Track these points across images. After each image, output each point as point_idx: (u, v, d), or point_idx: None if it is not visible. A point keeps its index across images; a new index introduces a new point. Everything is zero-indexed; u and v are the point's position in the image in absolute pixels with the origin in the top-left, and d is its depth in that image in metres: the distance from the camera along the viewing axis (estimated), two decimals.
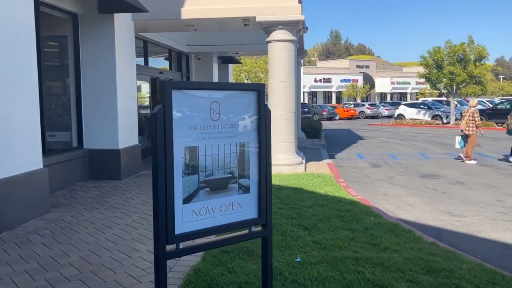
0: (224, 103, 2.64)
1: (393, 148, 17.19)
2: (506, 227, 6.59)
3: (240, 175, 2.77)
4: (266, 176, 2.81)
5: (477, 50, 27.47)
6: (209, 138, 2.60)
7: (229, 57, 19.48)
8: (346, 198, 7.66)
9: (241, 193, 2.79)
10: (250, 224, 2.84)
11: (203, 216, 2.61)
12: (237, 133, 2.73)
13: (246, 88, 2.77)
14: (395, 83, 74.44)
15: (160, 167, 2.35)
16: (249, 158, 2.79)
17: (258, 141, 2.79)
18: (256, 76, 41.73)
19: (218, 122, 2.63)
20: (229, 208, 2.72)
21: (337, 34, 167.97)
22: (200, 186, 2.60)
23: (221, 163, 2.66)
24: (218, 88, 2.68)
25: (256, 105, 2.77)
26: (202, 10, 10.08)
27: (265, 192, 2.82)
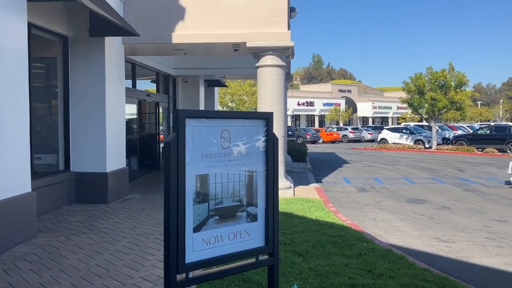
0: (234, 131, 2.66)
1: (378, 172, 17.35)
2: (495, 252, 6.67)
3: (248, 203, 2.77)
4: (274, 204, 2.81)
5: (457, 76, 28.21)
6: (219, 166, 2.60)
7: (215, 80, 19.60)
8: (337, 224, 7.67)
9: (249, 221, 2.78)
10: (257, 253, 2.83)
11: (213, 245, 2.59)
12: (246, 161, 2.74)
13: (255, 117, 2.80)
14: (377, 108, 75.66)
15: (172, 195, 2.34)
16: (257, 186, 2.79)
17: (266, 169, 2.80)
18: (240, 99, 41.98)
19: (228, 150, 2.64)
20: (237, 236, 2.71)
21: (319, 58, 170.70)
22: (210, 215, 2.59)
23: (230, 191, 2.66)
24: (229, 116, 2.70)
25: (264, 133, 2.79)
26: (193, 35, 10.17)
27: (272, 221, 2.82)
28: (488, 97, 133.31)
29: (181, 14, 10.17)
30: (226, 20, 10.20)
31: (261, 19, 10.09)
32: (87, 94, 9.26)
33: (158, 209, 8.68)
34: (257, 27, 10.07)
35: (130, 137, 12.89)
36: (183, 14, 10.17)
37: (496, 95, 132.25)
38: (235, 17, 10.17)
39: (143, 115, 14.96)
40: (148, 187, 11.87)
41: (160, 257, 5.64)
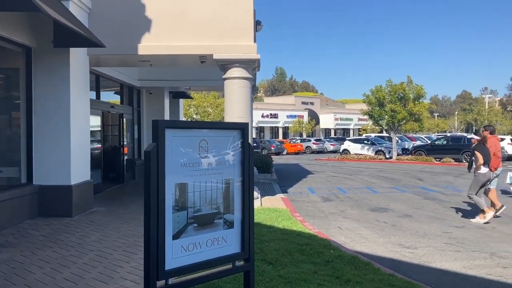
0: (212, 141, 2.75)
1: (341, 182, 17.72)
2: (454, 257, 6.98)
3: (225, 211, 2.86)
4: (249, 211, 2.91)
5: (415, 89, 29.28)
6: (197, 175, 2.68)
7: (180, 92, 19.57)
8: (304, 232, 7.82)
9: (226, 228, 2.86)
10: (234, 259, 2.91)
11: (191, 252, 2.66)
12: (223, 170, 2.83)
13: (231, 127, 2.90)
14: (339, 119, 77.27)
15: (152, 203, 2.40)
16: (233, 194, 2.89)
17: (242, 177, 2.90)
18: (205, 111, 41.94)
19: (206, 159, 2.73)
20: (215, 243, 2.79)
21: (282, 71, 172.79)
22: (188, 222, 2.65)
23: (208, 199, 2.74)
24: (207, 127, 2.79)
25: (240, 143, 2.90)
26: (159, 47, 10.19)
27: (248, 227, 2.91)
28: (444, 109, 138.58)
29: (147, 25, 10.18)
30: (193, 32, 10.28)
31: (227, 31, 10.24)
32: (51, 105, 9.10)
33: (125, 222, 8.59)
34: (224, 39, 10.20)
35: (94, 149, 12.69)
36: (149, 25, 10.18)
37: (451, 107, 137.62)
38: (202, 29, 10.27)
39: (107, 127, 14.76)
40: (113, 200, 11.70)
41: (130, 269, 5.61)
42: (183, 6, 10.30)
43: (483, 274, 6.12)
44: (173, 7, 10.29)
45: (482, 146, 10.00)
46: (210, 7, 10.30)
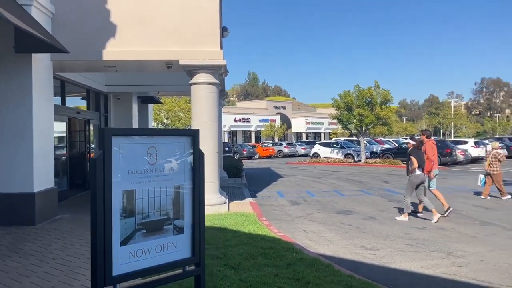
0: (161, 148, 2.81)
1: (310, 186, 17.94)
2: (413, 257, 7.20)
3: (175, 217, 2.91)
4: (200, 217, 2.98)
5: (382, 94, 29.90)
6: (146, 181, 2.73)
7: (149, 96, 19.45)
8: (269, 236, 7.92)
9: (175, 234, 2.92)
10: (184, 264, 2.97)
11: (140, 257, 2.70)
12: (173, 176, 2.88)
13: (181, 134, 2.96)
14: (310, 123, 78.15)
15: (98, 210, 2.44)
16: (183, 201, 2.94)
17: (193, 183, 2.96)
18: (175, 116, 41.70)
19: (155, 166, 2.78)
20: (164, 248, 2.84)
21: (254, 76, 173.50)
22: (137, 228, 2.70)
23: (157, 206, 2.79)
24: (156, 134, 2.84)
25: (191, 149, 2.96)
26: (125, 52, 10.15)
27: (198, 233, 2.97)
28: (412, 113, 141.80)
29: (112, 31, 10.13)
30: (159, 38, 10.29)
31: (194, 37, 10.29)
32: (13, 111, 8.94)
33: (89, 229, 8.49)
34: (190, 45, 10.24)
35: (59, 155, 12.49)
36: (114, 31, 10.13)
37: (419, 111, 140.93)
38: (168, 35, 10.29)
39: (73, 133, 14.54)
40: (78, 207, 11.54)
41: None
42: (149, 12, 10.30)
43: (439, 273, 6.33)
44: (139, 13, 10.27)
45: (417, 151, 10.54)
46: (176, 13, 10.33)
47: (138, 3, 10.29)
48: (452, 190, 16.14)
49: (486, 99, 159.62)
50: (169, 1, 10.35)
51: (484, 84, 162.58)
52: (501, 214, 11.16)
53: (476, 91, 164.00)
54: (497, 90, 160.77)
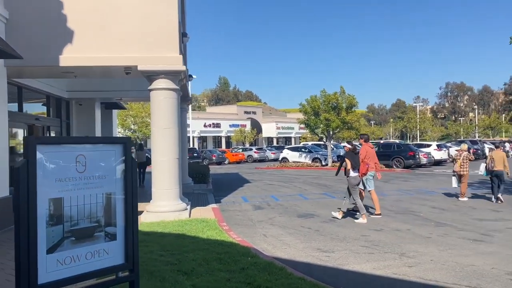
0: (90, 156, 2.83)
1: (276, 190, 18.08)
2: (367, 258, 7.37)
3: (106, 223, 2.93)
4: (133, 223, 3.00)
5: (348, 99, 30.44)
6: (74, 189, 2.74)
7: (113, 102, 19.23)
8: (227, 241, 7.96)
9: (107, 241, 2.94)
10: (117, 270, 2.98)
11: (68, 265, 2.71)
12: (104, 183, 2.91)
13: (111, 142, 2.99)
14: (280, 128, 78.62)
15: (22, 219, 2.44)
16: (115, 207, 2.97)
17: (125, 190, 2.99)
18: (143, 121, 41.26)
19: (84, 173, 2.80)
20: (95, 255, 2.85)
21: (225, 80, 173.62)
22: (65, 236, 2.70)
23: (87, 213, 2.81)
24: (85, 142, 2.86)
25: (122, 157, 2.99)
26: (83, 58, 10.04)
27: (131, 239, 3.00)
28: (380, 117, 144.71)
29: (69, 37, 10.01)
30: (118, 44, 10.23)
31: (152, 43, 10.27)
32: None
33: None
34: (148, 51, 10.22)
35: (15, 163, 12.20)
36: (71, 37, 10.01)
37: (387, 115, 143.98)
38: (127, 41, 10.24)
39: None
40: None
41: None
42: (107, 18, 10.23)
43: (389, 274, 6.51)
44: (97, 18, 10.19)
45: (352, 154, 11.20)
46: (135, 19, 10.30)
47: (96, 8, 10.20)
48: (413, 192, 16.58)
49: (451, 103, 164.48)
50: (127, 7, 10.31)
51: (448, 89, 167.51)
52: (456, 215, 11.53)
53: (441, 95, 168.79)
54: (461, 94, 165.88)
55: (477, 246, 8.14)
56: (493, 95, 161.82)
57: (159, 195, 10.44)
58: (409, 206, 13.05)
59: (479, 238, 8.81)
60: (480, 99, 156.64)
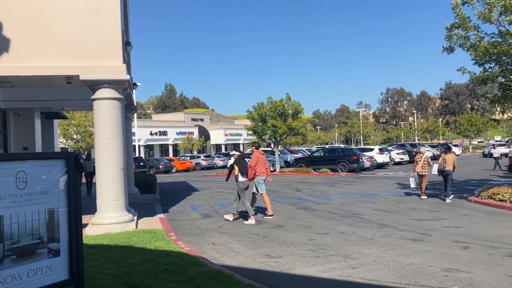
0: (31, 172, 2.78)
1: (224, 197, 18.11)
2: (313, 262, 7.59)
3: (49, 240, 2.89)
4: (77, 238, 2.98)
5: (293, 105, 31.02)
6: (15, 206, 2.69)
7: (54, 112, 18.57)
8: (175, 251, 7.92)
9: (51, 257, 2.90)
10: (62, 286, 2.95)
11: (10, 284, 2.65)
12: (46, 199, 2.87)
13: (54, 157, 2.96)
14: (229, 135, 78.77)
15: None
16: (58, 223, 2.93)
17: (68, 205, 2.96)
18: (86, 131, 40.00)
19: (24, 190, 2.75)
20: (38, 273, 2.81)
21: (171, 87, 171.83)
22: (5, 255, 2.65)
23: (28, 230, 2.76)
24: (25, 158, 2.81)
25: (65, 172, 2.96)
26: (20, 68, 9.67)
27: (76, 254, 2.97)
28: (326, 122, 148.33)
29: (6, 45, 9.61)
30: (58, 53, 9.94)
31: (95, 52, 10.07)
32: None
33: None
34: (90, 60, 10.00)
35: None
36: (8, 45, 9.62)
37: (332, 120, 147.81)
38: (68, 50, 9.97)
39: None
40: None
41: None
42: (47, 26, 9.92)
43: (334, 276, 6.75)
44: (36, 26, 9.86)
45: (241, 160, 12.21)
46: (76, 27, 10.05)
47: (35, 16, 9.86)
48: (357, 195, 17.16)
49: (392, 108, 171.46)
50: (69, 15, 10.05)
51: (389, 94, 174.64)
52: (397, 216, 12.07)
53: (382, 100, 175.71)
54: (401, 99, 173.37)
55: (415, 246, 8.58)
56: (430, 100, 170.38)
57: (104, 206, 10.20)
58: (353, 209, 13.51)
59: (418, 237, 9.29)
60: (418, 104, 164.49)
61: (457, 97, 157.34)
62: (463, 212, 12.57)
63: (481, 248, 8.21)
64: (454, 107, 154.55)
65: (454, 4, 14.44)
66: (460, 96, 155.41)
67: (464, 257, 7.62)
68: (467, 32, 14.36)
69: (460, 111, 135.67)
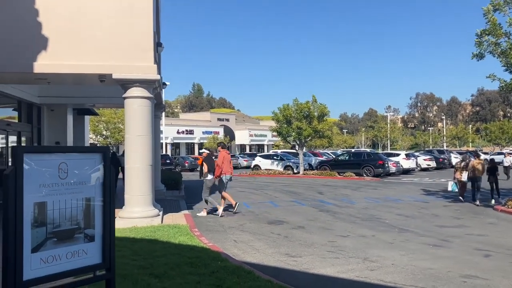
0: (72, 164, 3.08)
1: (247, 197, 18.36)
2: (332, 263, 7.74)
3: (86, 226, 3.18)
4: (110, 226, 3.26)
5: (319, 108, 31.06)
6: (57, 194, 2.98)
7: (85, 108, 19.21)
8: (198, 246, 8.21)
9: (86, 242, 3.18)
10: (95, 269, 3.23)
11: (51, 263, 2.94)
12: (84, 189, 3.16)
13: (92, 151, 3.25)
14: (253, 136, 79.10)
15: (10, 221, 2.67)
16: (94, 211, 3.22)
17: (103, 196, 3.24)
18: (115, 127, 40.97)
19: (66, 180, 3.04)
20: (75, 255, 3.09)
21: (199, 87, 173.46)
22: (48, 237, 2.94)
23: (68, 216, 3.05)
24: (67, 151, 3.11)
25: (102, 165, 3.25)
26: (57, 65, 10.14)
27: (108, 240, 3.25)
28: (353, 126, 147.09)
29: (43, 44, 10.10)
30: (93, 52, 10.37)
31: (127, 52, 10.46)
32: None
33: None
34: (123, 59, 10.40)
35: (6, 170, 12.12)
36: (46, 44, 10.11)
37: (359, 124, 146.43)
38: (102, 49, 10.40)
39: (2, 146, 14.13)
40: None
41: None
42: (82, 26, 10.37)
43: (352, 277, 6.89)
44: (72, 26, 10.32)
45: (210, 158, 13.10)
46: (110, 28, 10.48)
47: (72, 17, 10.33)
48: (381, 200, 17.14)
49: (421, 113, 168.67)
50: (103, 17, 10.48)
51: (418, 99, 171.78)
52: (419, 222, 12.07)
53: (412, 105, 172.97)
54: (430, 104, 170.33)
55: (436, 251, 8.62)
56: (460, 106, 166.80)
57: (132, 201, 10.59)
58: (375, 213, 13.56)
59: (438, 243, 9.32)
60: (448, 110, 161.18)
61: (489, 104, 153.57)
62: (488, 220, 12.47)
63: (503, 257, 8.20)
64: (486, 114, 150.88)
65: (486, 10, 14.33)
66: (492, 103, 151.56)
67: (484, 264, 7.64)
68: (498, 38, 14.23)
69: (492, 118, 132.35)
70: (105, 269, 3.31)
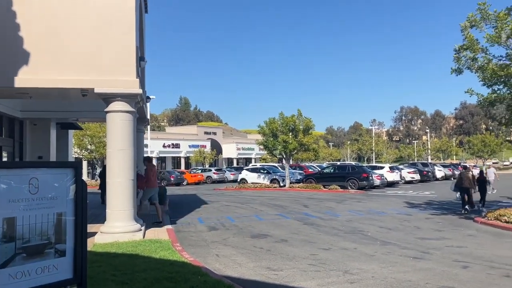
0: (43, 179, 3.09)
1: (232, 211, 18.33)
2: (312, 276, 7.76)
3: (56, 241, 3.18)
4: (82, 241, 3.26)
5: (305, 121, 31.30)
6: (27, 209, 2.99)
7: (69, 123, 19.09)
8: (179, 261, 8.17)
9: (57, 257, 3.19)
10: (66, 284, 3.23)
11: (20, 279, 2.94)
12: (55, 204, 3.17)
13: (63, 166, 3.26)
14: (241, 149, 79.16)
15: None
16: (65, 226, 3.23)
17: (75, 211, 3.26)
18: (100, 142, 40.66)
19: (36, 195, 3.05)
20: (45, 270, 3.09)
21: (186, 101, 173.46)
22: (17, 252, 2.94)
23: (38, 231, 3.06)
24: (38, 166, 3.12)
25: (73, 180, 3.26)
26: (38, 80, 10.12)
27: (80, 255, 3.25)
28: (338, 139, 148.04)
29: (24, 58, 10.08)
30: (74, 66, 10.38)
31: (109, 66, 10.49)
32: None
33: None
34: (105, 74, 10.42)
35: None
36: (27, 58, 10.09)
37: (345, 137, 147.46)
38: (83, 64, 10.41)
39: None
40: None
41: None
42: (64, 41, 10.38)
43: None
44: (54, 41, 10.32)
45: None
46: (92, 43, 10.50)
47: (53, 31, 10.34)
48: (364, 212, 17.24)
49: (405, 126, 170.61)
50: (85, 31, 10.51)
51: (403, 112, 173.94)
52: (401, 234, 12.16)
53: (396, 118, 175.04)
54: (415, 118, 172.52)
55: (416, 263, 8.70)
56: (444, 119, 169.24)
57: (113, 216, 10.52)
58: (358, 226, 13.63)
59: (419, 255, 9.40)
60: (432, 123, 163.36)
61: (472, 117, 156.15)
62: (468, 232, 12.62)
63: (480, 268, 8.30)
64: (469, 127, 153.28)
65: (463, 26, 14.69)
66: (475, 116, 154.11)
67: (462, 276, 7.73)
68: (476, 54, 14.57)
69: (474, 132, 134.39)
70: (76, 284, 3.30)
